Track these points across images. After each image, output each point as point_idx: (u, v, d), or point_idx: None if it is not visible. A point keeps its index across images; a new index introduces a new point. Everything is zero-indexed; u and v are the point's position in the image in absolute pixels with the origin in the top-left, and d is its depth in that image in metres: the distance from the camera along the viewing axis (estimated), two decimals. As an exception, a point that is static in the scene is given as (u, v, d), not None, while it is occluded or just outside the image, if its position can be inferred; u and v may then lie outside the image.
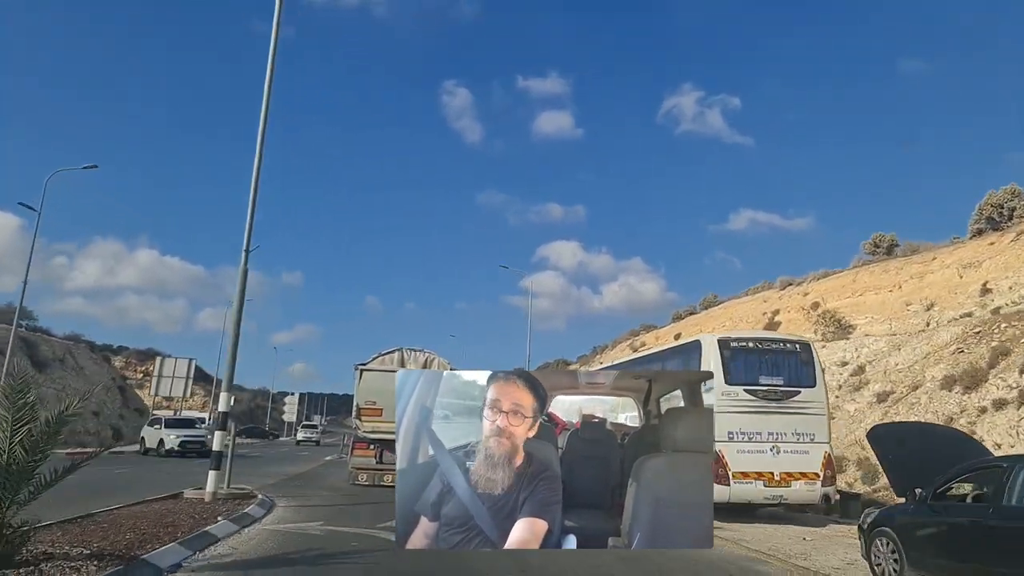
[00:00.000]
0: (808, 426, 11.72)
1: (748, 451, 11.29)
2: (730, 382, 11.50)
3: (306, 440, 49.64)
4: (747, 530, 10.48)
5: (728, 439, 11.17)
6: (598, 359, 52.32)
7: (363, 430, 15.33)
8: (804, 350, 12.37)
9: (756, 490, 11.27)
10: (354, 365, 16.02)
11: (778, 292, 41.11)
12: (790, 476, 11.41)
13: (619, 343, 54.56)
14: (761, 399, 11.60)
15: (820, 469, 11.54)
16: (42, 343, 39.83)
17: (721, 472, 10.84)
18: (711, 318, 44.68)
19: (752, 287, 45.99)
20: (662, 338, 43.87)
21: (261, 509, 10.50)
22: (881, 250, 35.76)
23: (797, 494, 11.51)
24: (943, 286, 27.98)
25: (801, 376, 12.06)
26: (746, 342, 12.30)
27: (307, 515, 10.51)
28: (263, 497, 11.62)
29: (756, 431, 11.42)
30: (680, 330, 43.80)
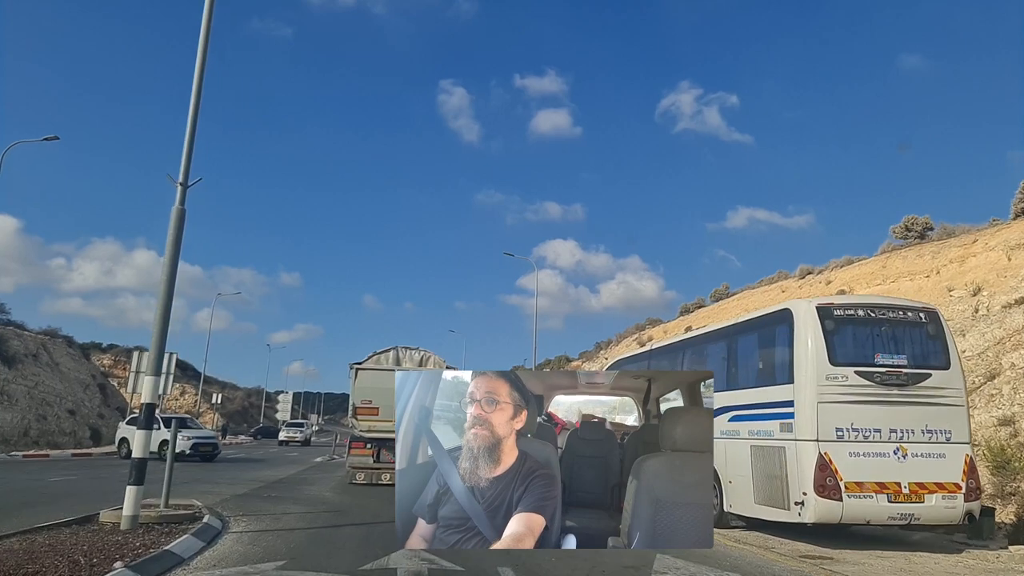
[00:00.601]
0: (943, 420, 9.11)
1: (864, 454, 8.80)
2: (836, 362, 9.00)
3: (290, 440, 45.27)
4: (857, 559, 8.01)
5: (837, 438, 8.70)
6: (602, 355, 51.29)
7: (359, 429, 15.28)
8: (932, 320, 9.64)
9: (878, 507, 8.65)
10: (349, 364, 16.07)
11: (797, 281, 38.86)
12: (923, 488, 8.79)
13: (624, 338, 53.29)
14: (879, 384, 8.98)
15: (961, 478, 8.91)
16: (14, 337, 38.49)
17: (830, 482, 8.47)
18: (723, 310, 42.77)
19: (766, 277, 44.13)
20: (671, 331, 42.51)
21: (198, 541, 7.53)
22: (913, 234, 33.55)
23: (932, 512, 8.79)
24: (989, 269, 26.07)
25: (929, 354, 9.43)
26: (854, 310, 9.61)
27: (266, 547, 7.52)
28: (210, 519, 8.76)
29: (874, 427, 8.89)
30: (691, 323, 41.95)
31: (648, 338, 45.53)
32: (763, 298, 39.57)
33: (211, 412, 60.43)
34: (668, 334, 42.17)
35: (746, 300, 42.24)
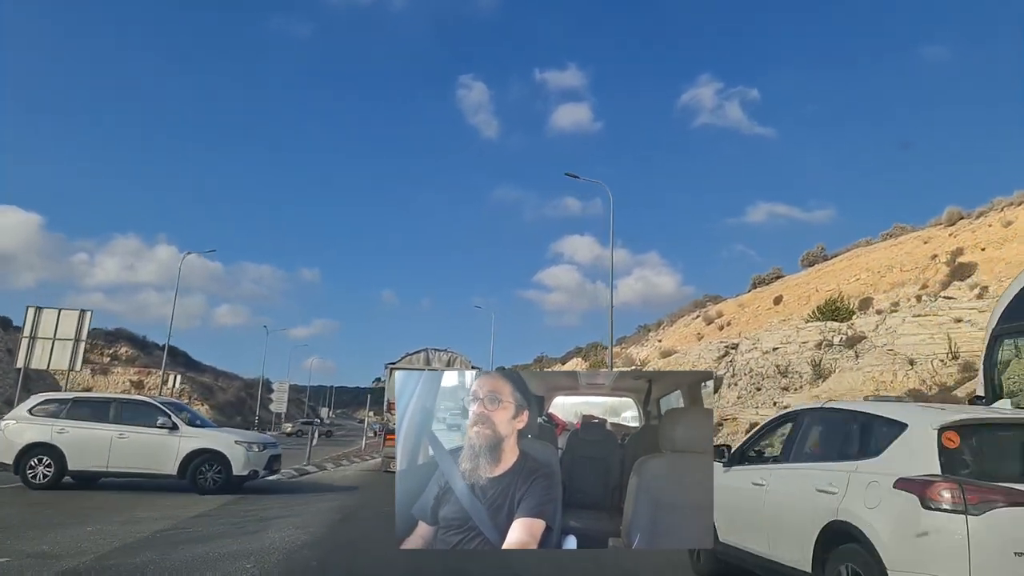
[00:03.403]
0: None
1: None
2: None
3: None
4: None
5: None
6: (653, 337, 47.59)
7: (394, 423, 16.23)
8: None
9: None
10: (385, 364, 17.96)
11: (945, 229, 33.59)
12: None
13: (679, 317, 49.39)
14: None
15: None
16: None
17: None
18: (831, 273, 35.69)
19: (884, 232, 38.63)
20: (747, 305, 38.36)
21: None
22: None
23: None
24: None
25: None
26: None
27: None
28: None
29: None
30: (778, 293, 37.14)
31: (717, 314, 41.57)
32: (894, 252, 33.13)
33: (200, 402, 57.44)
34: (744, 307, 38.48)
35: (866, 257, 35.04)
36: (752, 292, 44.09)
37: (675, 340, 41.66)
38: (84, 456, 11.62)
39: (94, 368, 56.87)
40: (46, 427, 11.75)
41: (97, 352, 59.90)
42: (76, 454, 11.58)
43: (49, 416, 11.97)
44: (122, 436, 11.72)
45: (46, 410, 12.10)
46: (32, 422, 11.91)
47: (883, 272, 32.46)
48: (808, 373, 20.38)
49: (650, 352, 39.38)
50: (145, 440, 11.79)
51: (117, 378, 58.26)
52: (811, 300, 33.22)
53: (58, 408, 12.12)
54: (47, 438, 11.64)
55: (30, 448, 11.56)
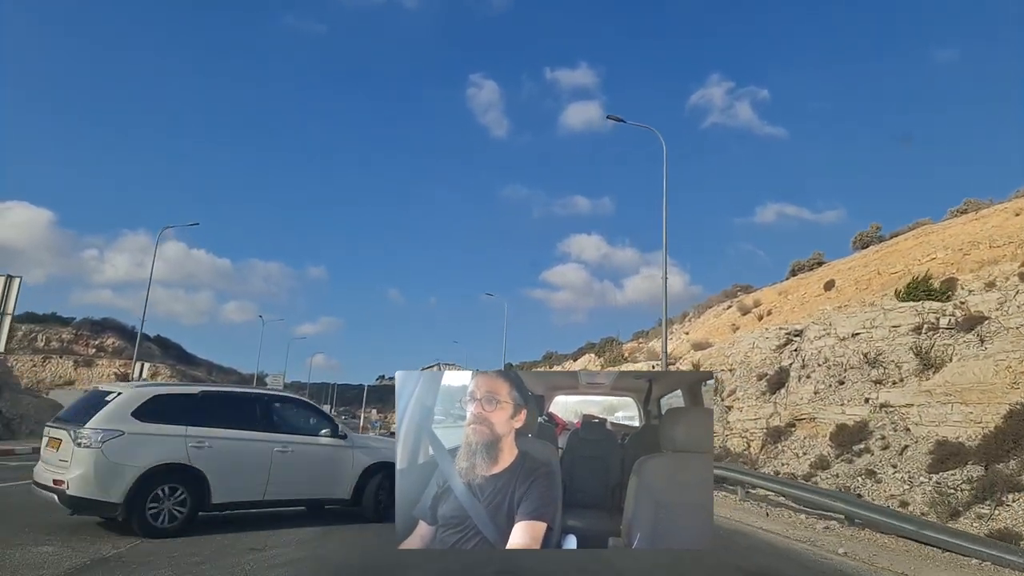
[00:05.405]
0: None
1: None
2: None
3: None
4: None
5: None
6: (679, 329, 44.48)
7: None
8: None
9: None
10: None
11: None
12: None
13: (706, 308, 46.58)
14: None
15: None
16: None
17: None
18: (895, 254, 31.20)
19: (952, 208, 32.46)
20: (790, 292, 34.64)
21: None
22: None
23: None
24: None
25: None
26: None
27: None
28: None
29: None
30: (828, 278, 32.88)
31: (754, 303, 38.09)
32: (980, 225, 28.53)
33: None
34: (786, 296, 34.76)
35: (944, 232, 30.49)
36: (794, 279, 40.27)
37: (705, 332, 40.21)
38: (235, 482, 7.67)
39: (77, 360, 55.23)
40: (176, 439, 7.31)
41: (83, 343, 58.31)
42: (222, 480, 7.51)
43: (167, 422, 7.36)
44: (284, 450, 8.03)
45: (162, 412, 7.39)
46: (149, 431, 7.20)
47: (966, 249, 28.27)
48: (910, 363, 16.71)
49: (676, 345, 37.48)
50: (313, 454, 8.31)
51: (102, 370, 55.72)
52: (871, 284, 30.62)
53: (183, 408, 7.60)
54: (181, 457, 7.28)
55: (153, 474, 7.04)
